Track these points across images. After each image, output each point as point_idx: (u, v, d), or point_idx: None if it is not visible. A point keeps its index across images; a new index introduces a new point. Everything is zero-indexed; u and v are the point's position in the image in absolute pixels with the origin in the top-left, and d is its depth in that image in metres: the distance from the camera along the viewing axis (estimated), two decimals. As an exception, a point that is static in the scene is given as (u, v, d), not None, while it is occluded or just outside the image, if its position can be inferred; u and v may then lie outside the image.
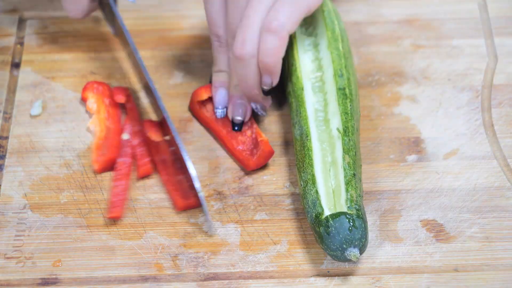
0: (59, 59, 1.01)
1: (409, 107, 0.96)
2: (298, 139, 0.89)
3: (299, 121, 0.90)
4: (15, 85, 0.99)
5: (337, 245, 0.82)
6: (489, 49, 1.00)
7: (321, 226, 0.83)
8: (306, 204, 0.85)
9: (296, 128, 0.90)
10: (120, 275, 0.85)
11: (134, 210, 0.89)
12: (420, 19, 1.03)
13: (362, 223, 0.83)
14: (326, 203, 0.84)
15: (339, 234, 0.82)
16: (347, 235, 0.82)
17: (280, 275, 0.85)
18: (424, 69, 0.99)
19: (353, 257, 0.82)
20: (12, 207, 0.90)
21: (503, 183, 0.90)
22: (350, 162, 0.86)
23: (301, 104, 0.90)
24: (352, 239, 0.82)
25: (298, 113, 0.90)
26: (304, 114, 0.89)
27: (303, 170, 0.87)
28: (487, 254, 0.86)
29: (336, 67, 0.91)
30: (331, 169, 0.86)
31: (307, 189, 0.86)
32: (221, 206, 0.90)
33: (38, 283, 0.85)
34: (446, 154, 0.93)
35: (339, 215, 0.83)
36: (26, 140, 0.94)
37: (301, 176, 0.87)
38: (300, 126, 0.89)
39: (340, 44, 0.93)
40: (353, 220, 0.82)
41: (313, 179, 0.86)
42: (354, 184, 0.85)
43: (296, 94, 0.91)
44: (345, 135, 0.87)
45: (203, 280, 0.85)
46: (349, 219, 0.82)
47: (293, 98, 0.91)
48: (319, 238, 0.83)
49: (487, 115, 0.95)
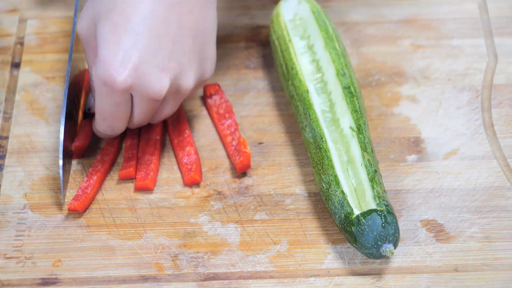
0: (59, 59, 1.01)
1: (409, 107, 0.96)
2: (311, 142, 0.89)
3: (309, 124, 0.89)
4: (15, 85, 0.99)
5: (372, 242, 0.82)
6: (489, 49, 1.00)
7: (352, 226, 0.83)
8: (332, 205, 0.85)
9: (307, 131, 0.89)
10: (120, 275, 0.85)
11: (134, 210, 0.89)
12: (420, 19, 1.03)
13: (393, 218, 0.83)
14: (352, 202, 0.84)
15: (372, 231, 0.82)
16: (381, 232, 0.82)
17: (280, 275, 0.85)
18: (424, 69, 0.99)
19: (388, 253, 0.82)
20: (12, 207, 0.90)
21: (503, 183, 0.90)
22: (370, 159, 0.86)
23: (309, 107, 0.90)
24: (386, 235, 0.82)
25: (307, 116, 0.90)
26: (315, 116, 0.89)
27: (323, 172, 0.86)
28: (487, 254, 0.86)
29: (337, 67, 0.91)
30: (349, 168, 0.86)
31: (331, 191, 0.85)
32: (221, 206, 0.90)
33: (38, 283, 0.85)
34: (446, 154, 0.93)
35: (370, 213, 0.83)
36: (26, 140, 0.94)
37: (321, 178, 0.87)
38: (312, 128, 0.89)
39: (336, 43, 0.93)
40: (384, 216, 0.83)
41: (336, 180, 0.85)
42: (378, 181, 0.85)
43: (302, 97, 0.91)
44: (360, 133, 0.87)
45: (203, 280, 0.85)
46: (380, 215, 0.83)
47: (299, 101, 0.91)
48: (352, 238, 0.83)
49: (487, 115, 0.95)
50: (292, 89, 0.92)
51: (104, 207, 0.90)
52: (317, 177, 0.88)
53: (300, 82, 0.91)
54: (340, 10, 1.04)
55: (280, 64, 0.94)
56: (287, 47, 0.93)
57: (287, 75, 0.93)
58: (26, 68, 1.00)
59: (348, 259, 0.86)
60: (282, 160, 0.93)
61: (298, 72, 0.92)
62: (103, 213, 0.89)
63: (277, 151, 0.93)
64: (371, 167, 0.86)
